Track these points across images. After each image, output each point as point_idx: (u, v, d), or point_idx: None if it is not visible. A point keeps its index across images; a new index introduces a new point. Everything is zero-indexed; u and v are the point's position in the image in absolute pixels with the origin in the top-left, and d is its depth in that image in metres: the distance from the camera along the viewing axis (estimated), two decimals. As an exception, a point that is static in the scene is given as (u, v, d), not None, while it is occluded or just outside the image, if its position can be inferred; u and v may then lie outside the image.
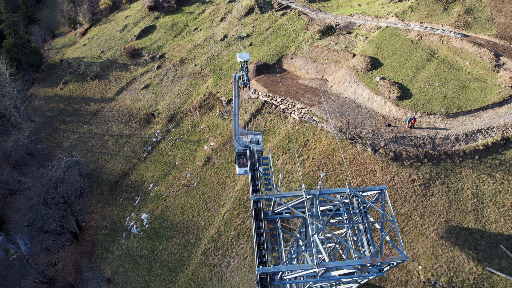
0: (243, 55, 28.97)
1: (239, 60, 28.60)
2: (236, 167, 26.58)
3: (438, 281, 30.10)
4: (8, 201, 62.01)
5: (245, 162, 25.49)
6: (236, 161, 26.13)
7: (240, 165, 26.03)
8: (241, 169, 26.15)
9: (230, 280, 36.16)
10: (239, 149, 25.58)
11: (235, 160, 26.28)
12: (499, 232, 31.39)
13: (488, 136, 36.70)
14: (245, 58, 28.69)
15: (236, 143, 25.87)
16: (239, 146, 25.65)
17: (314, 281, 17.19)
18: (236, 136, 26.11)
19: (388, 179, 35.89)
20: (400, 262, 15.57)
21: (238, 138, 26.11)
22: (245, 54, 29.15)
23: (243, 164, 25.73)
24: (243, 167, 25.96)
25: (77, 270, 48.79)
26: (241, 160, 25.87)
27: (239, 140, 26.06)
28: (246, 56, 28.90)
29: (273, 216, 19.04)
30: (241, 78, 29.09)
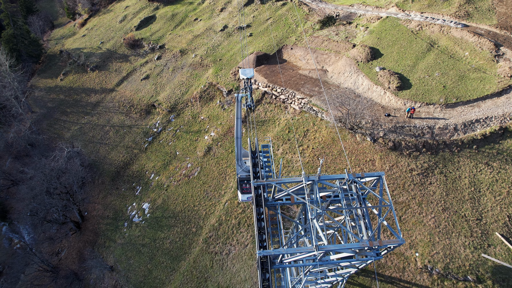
0: (246, 72, 25.50)
1: (241, 77, 25.35)
2: (239, 193, 24.59)
3: (434, 268, 30.75)
4: (11, 191, 62.59)
5: (249, 188, 23.51)
6: (238, 186, 24.18)
7: (243, 192, 24.02)
8: (244, 196, 24.10)
9: (231, 268, 36.85)
10: (241, 175, 23.71)
11: (237, 185, 24.49)
12: (495, 220, 31.93)
13: (486, 126, 37.02)
14: (249, 75, 25.32)
15: (238, 168, 23.92)
16: (241, 171, 23.73)
17: (313, 264, 17.68)
18: (239, 160, 23.93)
19: (387, 168, 36.33)
20: (397, 246, 16.03)
21: (241, 162, 24.00)
22: (248, 70, 25.74)
23: (247, 190, 23.80)
24: (247, 193, 24.00)
25: (80, 258, 49.57)
26: (244, 186, 23.83)
27: (242, 165, 24.02)
28: (250, 72, 25.50)
29: (274, 202, 19.50)
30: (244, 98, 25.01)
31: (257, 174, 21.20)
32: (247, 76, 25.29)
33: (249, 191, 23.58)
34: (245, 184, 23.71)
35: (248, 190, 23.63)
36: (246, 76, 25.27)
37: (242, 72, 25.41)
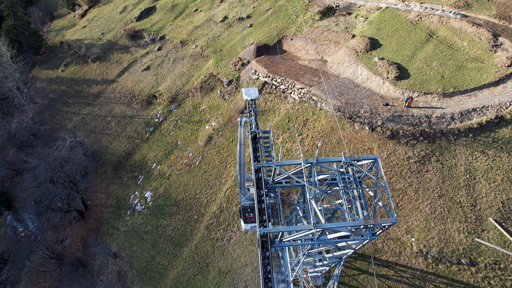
0: (250, 92, 22.71)
1: (245, 97, 22.77)
2: (241, 223, 23.48)
3: (429, 252, 31.69)
4: (15, 181, 63.47)
5: (252, 218, 22.65)
6: (241, 215, 23.02)
7: (247, 221, 23.07)
8: (248, 225, 23.18)
9: (232, 253, 37.83)
10: (244, 203, 22.48)
11: (240, 214, 23.35)
12: (489, 206, 32.78)
13: (482, 114, 37.67)
14: (253, 96, 22.52)
15: (241, 196, 22.68)
16: (244, 199, 22.50)
17: (311, 244, 18.47)
18: (242, 189, 22.60)
19: (385, 156, 37.07)
20: (391, 224, 16.77)
21: (244, 191, 22.69)
22: (252, 90, 22.77)
23: (250, 220, 22.89)
24: (250, 223, 23.08)
25: (84, 245, 50.62)
26: (247, 215, 22.84)
27: (245, 193, 22.76)
28: (254, 92, 22.65)
29: (273, 185, 20.22)
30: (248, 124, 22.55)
31: (257, 159, 21.89)
32: (251, 97, 22.65)
33: (253, 220, 22.29)
34: (249, 213, 22.53)
35: (252, 219, 22.42)
36: (250, 97, 22.72)
37: (245, 92, 22.81)
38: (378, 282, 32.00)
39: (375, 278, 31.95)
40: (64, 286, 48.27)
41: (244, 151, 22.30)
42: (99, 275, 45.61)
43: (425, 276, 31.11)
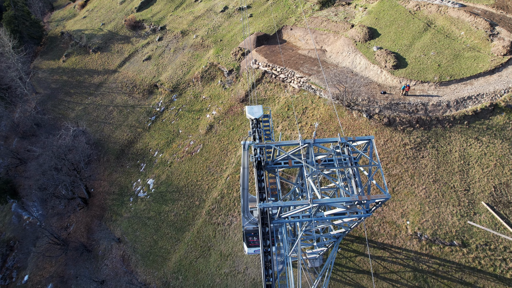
0: (254, 110, 21.24)
1: (248, 116, 21.47)
2: (244, 246, 23.33)
3: (423, 234, 32.84)
4: (19, 170, 64.53)
5: (256, 241, 22.49)
6: (244, 239, 22.76)
7: (250, 245, 22.78)
8: (251, 249, 22.94)
9: (233, 237, 39.01)
10: (248, 227, 22.07)
11: (243, 238, 23.05)
12: (482, 190, 33.84)
13: (477, 102, 38.51)
14: (257, 115, 21.08)
15: (244, 220, 22.42)
16: (248, 223, 22.09)
17: (309, 220, 19.49)
18: (245, 213, 22.37)
19: (382, 143, 38.02)
20: (384, 201, 17.76)
21: (248, 214, 22.42)
22: (256, 109, 21.43)
23: (254, 244, 22.59)
24: (253, 247, 22.79)
25: (88, 232, 51.87)
26: (251, 239, 22.56)
27: (249, 217, 22.44)
28: (258, 111, 21.23)
29: (273, 165, 21.18)
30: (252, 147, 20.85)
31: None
32: (255, 116, 21.14)
33: (256, 244, 21.86)
34: (252, 237, 22.23)
35: (256, 243, 21.99)
36: (253, 116, 21.23)
37: (249, 110, 21.45)
38: (374, 263, 33.21)
39: (370, 260, 33.17)
40: (69, 270, 49.64)
41: (248, 175, 21.51)
42: (104, 260, 46.92)
43: (419, 257, 32.31)
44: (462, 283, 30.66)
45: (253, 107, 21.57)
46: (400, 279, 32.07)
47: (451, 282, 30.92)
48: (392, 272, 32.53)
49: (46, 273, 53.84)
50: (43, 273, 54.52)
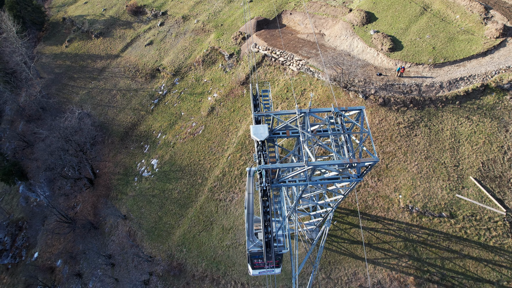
0: (259, 130, 19.82)
1: (253, 137, 20.33)
2: (249, 268, 24.09)
3: (414, 207, 34.78)
4: (25, 153, 66.31)
5: (261, 263, 23.09)
6: (248, 261, 23.39)
7: (255, 267, 23.50)
8: (256, 271, 23.74)
9: (234, 212, 41.00)
10: (253, 250, 22.45)
11: (248, 260, 23.72)
12: (471, 166, 35.65)
13: (469, 83, 40.00)
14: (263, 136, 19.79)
15: (249, 243, 22.85)
16: (252, 246, 22.58)
17: (305, 184, 21.25)
18: (250, 236, 22.70)
19: (377, 122, 39.67)
20: (372, 164, 19.48)
21: (252, 238, 22.77)
22: (262, 128, 19.89)
23: (258, 266, 23.36)
24: (258, 268, 23.57)
25: (95, 211, 53.92)
26: (256, 261, 23.12)
27: (254, 240, 22.77)
28: (264, 132, 19.85)
29: (272, 135, 22.87)
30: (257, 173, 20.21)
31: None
32: (260, 138, 19.92)
33: (261, 266, 22.48)
34: (257, 259, 22.65)
35: (260, 265, 22.56)
36: (258, 138, 20.03)
37: (254, 131, 20.19)
38: (367, 234, 35.24)
39: (362, 231, 35.20)
40: (78, 246, 51.87)
41: (253, 200, 22.01)
42: (110, 236, 49.07)
43: (409, 228, 34.31)
44: (449, 251, 32.72)
45: (258, 127, 20.17)
46: (392, 248, 34.12)
47: (439, 250, 32.99)
48: (384, 242, 34.58)
49: (55, 250, 56.16)
50: (52, 250, 56.85)
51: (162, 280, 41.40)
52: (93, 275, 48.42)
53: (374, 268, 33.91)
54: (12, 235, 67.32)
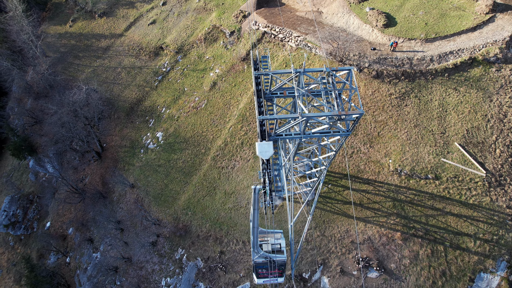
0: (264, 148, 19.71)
1: (258, 154, 20.37)
2: (254, 277, 25.70)
3: (403, 170, 37.59)
4: (34, 129, 68.90)
5: (265, 273, 24.56)
6: (253, 270, 24.92)
7: (259, 277, 25.07)
8: (260, 280, 25.45)
9: (236, 178, 43.89)
10: (257, 260, 23.88)
11: (253, 269, 25.25)
12: (456, 133, 38.30)
13: (458, 56, 42.29)
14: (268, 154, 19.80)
15: (254, 255, 24.31)
16: (257, 257, 24.21)
17: (299, 137, 23.83)
18: (255, 248, 24.20)
19: (370, 93, 42.12)
20: (359, 116, 21.95)
21: (257, 249, 24.35)
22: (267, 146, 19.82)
23: (263, 275, 24.98)
24: (262, 278, 25.25)
25: (103, 182, 56.86)
26: (260, 271, 24.63)
27: (258, 252, 24.37)
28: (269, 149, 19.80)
29: (270, 95, 25.36)
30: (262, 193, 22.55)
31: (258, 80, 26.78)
32: (265, 156, 20.02)
33: (265, 275, 24.30)
34: (261, 269, 24.32)
35: (265, 274, 24.37)
36: (264, 157, 20.25)
37: (259, 149, 20.22)
38: (359, 196, 38.17)
39: (351, 192, 38.11)
40: (88, 214, 55.04)
41: (258, 215, 23.90)
42: (119, 204, 52.14)
43: (398, 190, 37.20)
44: (433, 209, 35.69)
45: (263, 145, 20.28)
46: (381, 207, 37.10)
47: (424, 208, 35.96)
48: (374, 202, 37.53)
49: (66, 219, 59.42)
50: (63, 219, 60.13)
51: (169, 241, 44.63)
52: (103, 240, 51.72)
53: (364, 226, 36.96)
54: (23, 208, 70.55)
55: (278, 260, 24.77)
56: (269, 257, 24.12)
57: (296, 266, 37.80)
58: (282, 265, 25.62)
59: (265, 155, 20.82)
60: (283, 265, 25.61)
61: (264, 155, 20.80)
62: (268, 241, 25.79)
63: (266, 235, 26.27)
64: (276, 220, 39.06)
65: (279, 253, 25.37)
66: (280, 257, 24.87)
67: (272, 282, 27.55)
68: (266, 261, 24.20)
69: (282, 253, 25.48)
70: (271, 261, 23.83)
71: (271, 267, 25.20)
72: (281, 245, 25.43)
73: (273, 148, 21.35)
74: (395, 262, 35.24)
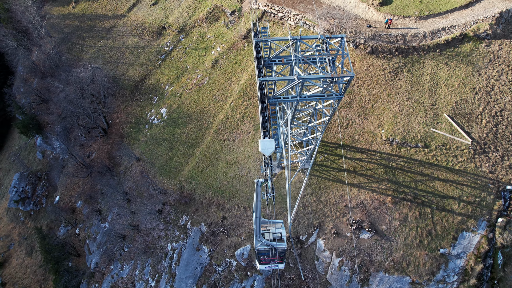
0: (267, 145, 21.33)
1: (261, 150, 22.11)
2: (257, 263, 28.20)
3: (395, 139, 39.91)
4: (41, 108, 71.06)
5: (267, 259, 26.99)
6: (256, 257, 27.38)
7: (261, 263, 27.27)
8: (263, 266, 27.66)
9: (237, 149, 46.29)
10: (260, 248, 26.18)
11: (256, 256, 27.76)
12: (445, 105, 40.48)
13: (450, 33, 44.12)
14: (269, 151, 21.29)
15: (257, 242, 26.63)
16: (260, 245, 26.51)
17: (295, 100, 26.03)
18: (258, 236, 26.51)
19: (365, 68, 44.13)
20: (349, 78, 24.11)
21: (260, 238, 26.67)
22: (268, 143, 21.69)
23: (265, 261, 27.30)
24: (265, 264, 27.52)
25: (109, 157, 59.34)
26: (262, 258, 26.77)
27: (261, 240, 26.61)
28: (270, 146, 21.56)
29: (269, 62, 27.43)
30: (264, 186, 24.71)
31: (258, 48, 28.82)
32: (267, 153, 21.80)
33: (267, 261, 26.76)
34: (264, 256, 26.58)
35: (267, 261, 26.82)
36: (266, 154, 22.03)
37: (262, 145, 22.18)
38: (353, 164, 40.61)
39: (344, 160, 40.54)
40: (95, 187, 57.70)
41: (260, 206, 25.91)
42: (126, 176, 54.72)
43: (389, 157, 39.62)
44: (421, 175, 38.19)
45: (266, 142, 22.19)
46: (374, 174, 39.59)
47: (413, 174, 38.46)
48: (367, 169, 40.00)
49: (75, 193, 62.16)
50: (72, 193, 62.87)
51: (174, 208, 47.35)
52: (111, 210, 54.50)
53: (358, 191, 39.53)
54: (32, 185, 73.30)
55: (279, 247, 26.74)
56: (271, 245, 26.16)
57: (294, 229, 40.57)
58: (282, 252, 27.53)
59: (267, 152, 23.22)
60: (284, 252, 27.51)
61: (266, 151, 23.23)
62: (269, 231, 27.78)
63: (267, 225, 28.24)
64: (276, 187, 41.59)
65: (280, 241, 27.17)
66: (280, 245, 26.76)
67: (273, 268, 29.76)
68: (268, 249, 26.14)
69: (282, 242, 27.33)
70: (272, 248, 25.88)
71: (272, 254, 27.15)
72: (282, 234, 27.27)
73: (274, 145, 23.49)
74: (386, 224, 37.92)
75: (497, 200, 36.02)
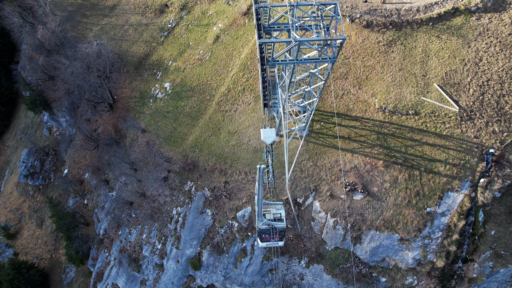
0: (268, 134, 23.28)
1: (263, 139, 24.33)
2: (258, 241, 30.45)
3: (387, 107, 42.35)
4: (47, 85, 73.12)
5: (268, 238, 29.27)
6: (258, 236, 29.70)
7: (263, 240, 29.49)
8: (263, 243, 29.87)
9: (238, 119, 48.76)
10: (261, 227, 28.29)
11: (258, 235, 30.10)
12: (436, 76, 42.74)
13: (442, 7, 45.99)
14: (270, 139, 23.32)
15: (259, 222, 28.84)
16: (261, 224, 28.67)
17: (292, 63, 28.29)
18: (260, 216, 28.74)
19: (360, 41, 46.17)
20: (341, 40, 26.34)
21: (261, 218, 28.81)
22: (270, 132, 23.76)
23: (266, 239, 29.48)
24: (266, 241, 29.73)
25: (115, 130, 61.82)
26: (264, 236, 28.91)
27: (262, 220, 28.77)
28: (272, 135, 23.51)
29: (269, 28, 29.58)
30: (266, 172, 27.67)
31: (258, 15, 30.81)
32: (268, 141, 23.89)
33: (268, 239, 29.10)
34: (265, 234, 28.88)
35: (268, 238, 29.20)
36: (267, 142, 24.15)
37: (264, 135, 24.51)
38: (348, 131, 43.15)
39: (338, 128, 43.07)
40: (103, 158, 60.40)
41: (262, 190, 28.54)
42: (132, 147, 57.36)
43: (382, 124, 42.14)
44: (411, 140, 40.80)
45: (267, 131, 24.72)
46: (367, 140, 42.19)
47: (403, 139, 41.07)
48: (361, 136, 42.58)
49: (83, 165, 64.95)
50: (80, 166, 65.68)
51: (179, 175, 50.17)
52: (118, 180, 57.36)
53: (352, 156, 42.22)
54: (40, 160, 76.09)
55: (279, 227, 29.12)
56: (271, 224, 28.48)
57: (292, 192, 43.43)
58: (282, 231, 29.76)
59: (268, 140, 25.48)
60: (283, 231, 29.68)
61: (268, 140, 25.47)
62: (270, 211, 30.23)
63: (269, 206, 30.59)
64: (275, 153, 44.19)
65: (280, 221, 29.45)
66: (280, 224, 29.11)
67: (273, 245, 32.34)
68: (268, 228, 28.36)
69: (282, 221, 29.65)
70: (273, 227, 28.08)
71: (273, 233, 29.30)
72: (281, 214, 29.51)
73: (275, 134, 26.85)
74: (377, 186, 40.75)
75: (480, 162, 38.73)
